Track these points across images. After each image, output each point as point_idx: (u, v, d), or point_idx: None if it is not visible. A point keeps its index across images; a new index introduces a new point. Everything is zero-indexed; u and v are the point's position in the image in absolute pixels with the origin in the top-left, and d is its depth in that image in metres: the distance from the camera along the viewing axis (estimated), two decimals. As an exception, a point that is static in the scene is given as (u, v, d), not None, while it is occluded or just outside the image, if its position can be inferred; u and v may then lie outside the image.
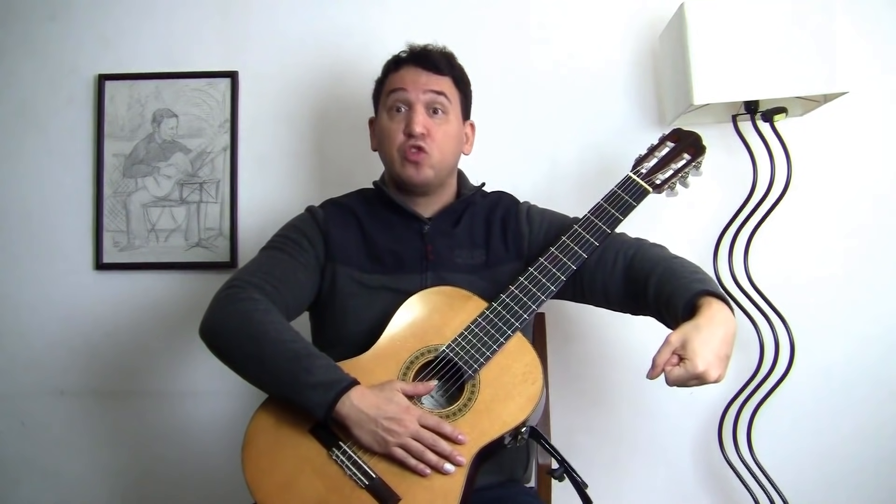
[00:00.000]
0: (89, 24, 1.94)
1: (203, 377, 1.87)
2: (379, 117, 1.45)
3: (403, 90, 1.39)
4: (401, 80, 1.40)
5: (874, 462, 1.75)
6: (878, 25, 1.79)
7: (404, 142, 1.38)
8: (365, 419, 1.15)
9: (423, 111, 1.38)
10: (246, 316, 1.24)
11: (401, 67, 1.42)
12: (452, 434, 1.16)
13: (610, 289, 1.35)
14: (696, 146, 1.42)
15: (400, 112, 1.39)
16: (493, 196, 1.51)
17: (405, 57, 1.43)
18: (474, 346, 1.23)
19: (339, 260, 1.38)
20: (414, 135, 1.36)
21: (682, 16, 1.56)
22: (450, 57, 1.45)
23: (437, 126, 1.39)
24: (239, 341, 1.23)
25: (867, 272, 1.77)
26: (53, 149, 1.94)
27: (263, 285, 1.29)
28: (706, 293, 1.19)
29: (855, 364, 1.76)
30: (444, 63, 1.42)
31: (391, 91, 1.41)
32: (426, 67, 1.40)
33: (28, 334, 1.91)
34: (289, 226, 1.44)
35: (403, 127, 1.38)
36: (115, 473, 1.90)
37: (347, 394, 1.16)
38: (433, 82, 1.40)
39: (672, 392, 1.75)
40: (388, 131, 1.40)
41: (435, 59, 1.41)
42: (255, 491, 1.16)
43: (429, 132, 1.37)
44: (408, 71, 1.41)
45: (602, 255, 1.35)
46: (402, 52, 1.45)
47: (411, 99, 1.38)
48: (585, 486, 1.22)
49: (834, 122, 1.76)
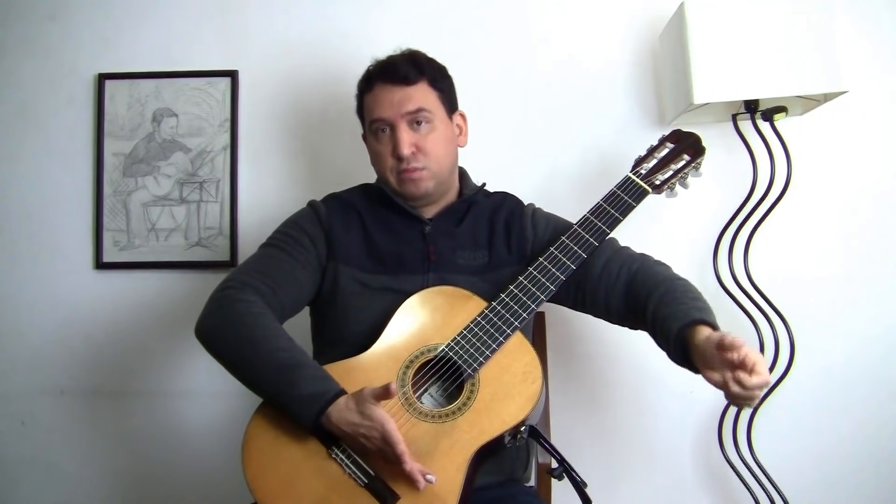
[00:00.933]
0: (89, 23, 1.94)
1: (203, 377, 1.87)
2: (368, 141, 1.44)
3: (381, 119, 1.37)
4: (377, 105, 1.38)
5: (874, 462, 1.75)
6: (878, 25, 1.79)
7: (396, 164, 1.37)
8: (347, 433, 1.16)
9: (407, 128, 1.36)
10: (239, 319, 1.24)
11: (373, 86, 1.40)
12: (401, 457, 1.11)
13: (612, 301, 1.35)
14: (696, 147, 1.42)
15: (385, 133, 1.38)
16: (496, 196, 1.50)
17: (374, 74, 1.41)
18: (474, 345, 1.23)
19: (341, 259, 1.38)
20: (403, 157, 1.35)
21: (682, 15, 1.56)
22: (416, 59, 1.41)
23: (424, 138, 1.37)
24: (232, 345, 1.23)
25: (867, 272, 1.77)
26: (53, 148, 1.94)
27: (259, 286, 1.29)
28: (704, 322, 1.18)
29: (855, 364, 1.76)
30: (412, 71, 1.38)
31: (372, 120, 1.39)
32: (396, 81, 1.37)
33: (28, 334, 1.91)
34: (290, 222, 1.43)
35: (391, 150, 1.37)
36: (115, 473, 1.90)
37: (328, 411, 1.16)
38: (408, 98, 1.36)
39: (672, 392, 1.78)
40: (378, 154, 1.40)
41: (403, 70, 1.38)
42: (255, 490, 1.16)
43: (418, 148, 1.36)
44: (381, 90, 1.38)
45: (606, 266, 1.35)
46: (370, 67, 1.43)
47: (391, 121, 1.36)
48: (585, 485, 1.22)
49: (834, 121, 1.76)
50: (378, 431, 1.13)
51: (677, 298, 1.25)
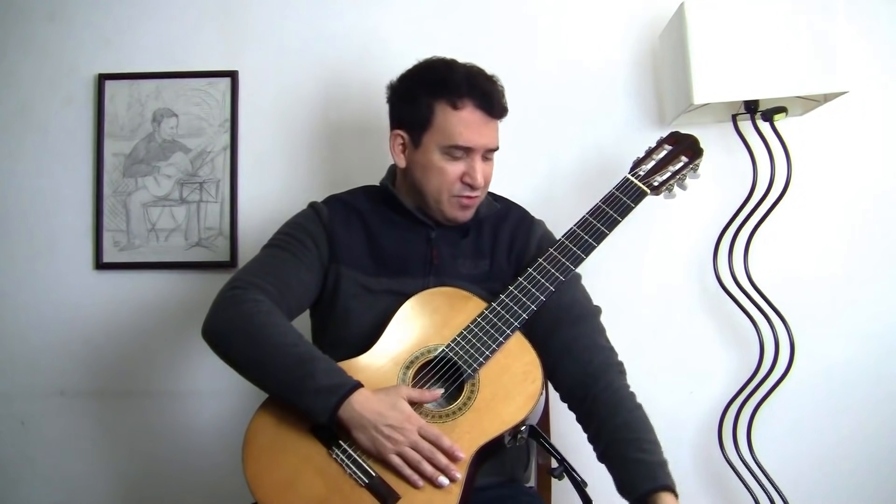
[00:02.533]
0: (89, 24, 1.94)
1: (203, 377, 1.87)
2: (427, 151, 1.33)
3: (470, 148, 1.31)
4: (468, 130, 1.30)
5: (874, 462, 1.75)
6: (878, 25, 1.79)
7: (461, 189, 1.34)
8: (366, 424, 1.15)
9: (482, 161, 1.34)
10: (248, 319, 1.23)
11: (464, 107, 1.31)
12: (450, 449, 1.15)
13: (557, 373, 1.30)
14: (694, 149, 1.42)
15: (459, 156, 1.33)
16: (503, 206, 1.47)
17: (467, 93, 1.31)
18: (474, 345, 1.23)
19: (343, 262, 1.37)
20: (477, 187, 1.34)
21: (682, 15, 1.56)
22: (503, 94, 1.37)
23: (489, 170, 1.37)
24: (241, 344, 1.22)
25: (867, 272, 1.77)
26: (53, 149, 1.93)
27: (266, 286, 1.28)
28: (667, 489, 1.17)
29: (855, 364, 1.76)
30: (503, 106, 1.35)
31: (454, 145, 1.31)
32: (492, 115, 1.33)
33: (28, 334, 1.91)
34: (293, 223, 1.42)
35: (461, 174, 1.33)
36: (116, 473, 1.90)
37: (349, 399, 1.15)
38: (494, 134, 1.35)
39: (672, 392, 1.78)
40: (442, 173, 1.33)
41: (500, 105, 1.34)
42: (255, 490, 1.16)
43: (485, 181, 1.36)
44: (474, 116, 1.31)
45: (576, 335, 1.30)
46: (465, 78, 1.33)
47: (475, 149, 1.33)
48: (585, 484, 1.23)
49: (834, 121, 1.76)
50: (412, 425, 1.14)
51: (641, 442, 1.22)
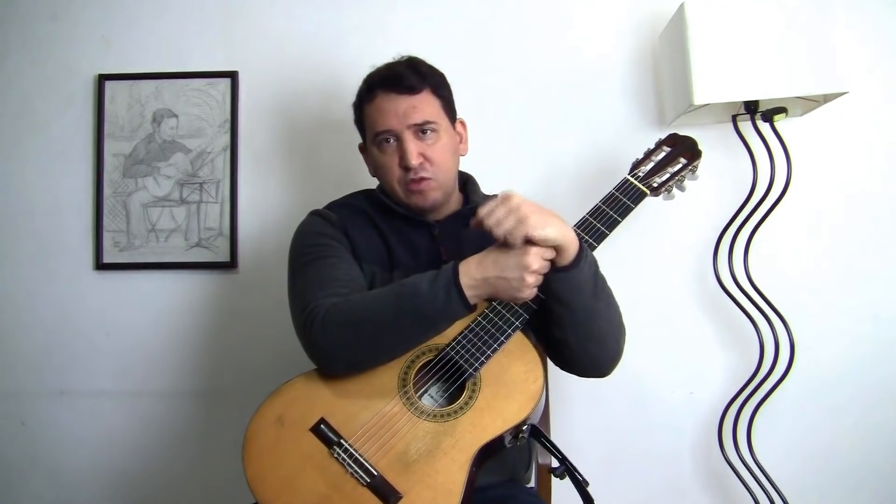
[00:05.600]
0: (89, 24, 1.95)
1: (203, 377, 1.87)
2: (369, 149, 1.41)
3: (388, 131, 1.34)
4: (381, 115, 1.35)
5: (874, 461, 1.75)
6: (878, 25, 1.80)
7: (403, 175, 1.35)
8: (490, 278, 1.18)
9: (413, 139, 1.34)
10: (345, 324, 1.21)
11: (375, 96, 1.36)
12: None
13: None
14: (692, 151, 1.42)
15: (390, 143, 1.36)
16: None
17: (375, 83, 1.37)
18: (475, 345, 1.23)
19: (365, 259, 1.37)
20: (411, 168, 1.34)
21: (682, 15, 1.57)
22: (418, 67, 1.38)
23: (430, 147, 1.36)
24: (362, 342, 1.20)
25: (867, 272, 1.77)
26: (53, 149, 1.94)
27: (333, 292, 1.26)
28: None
29: (854, 364, 1.76)
30: (416, 79, 1.35)
31: (377, 132, 1.36)
32: (400, 91, 1.34)
33: (28, 334, 1.91)
34: (309, 233, 1.39)
35: (398, 160, 1.35)
36: (115, 473, 1.89)
37: (458, 274, 1.18)
38: (413, 108, 1.34)
39: (672, 392, 1.78)
40: (383, 165, 1.37)
41: (407, 79, 1.35)
42: (256, 490, 1.16)
43: (425, 157, 1.35)
44: (384, 100, 1.35)
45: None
46: (370, 75, 1.40)
47: (397, 131, 1.34)
48: (586, 483, 1.22)
49: (834, 122, 1.76)
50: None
51: None
